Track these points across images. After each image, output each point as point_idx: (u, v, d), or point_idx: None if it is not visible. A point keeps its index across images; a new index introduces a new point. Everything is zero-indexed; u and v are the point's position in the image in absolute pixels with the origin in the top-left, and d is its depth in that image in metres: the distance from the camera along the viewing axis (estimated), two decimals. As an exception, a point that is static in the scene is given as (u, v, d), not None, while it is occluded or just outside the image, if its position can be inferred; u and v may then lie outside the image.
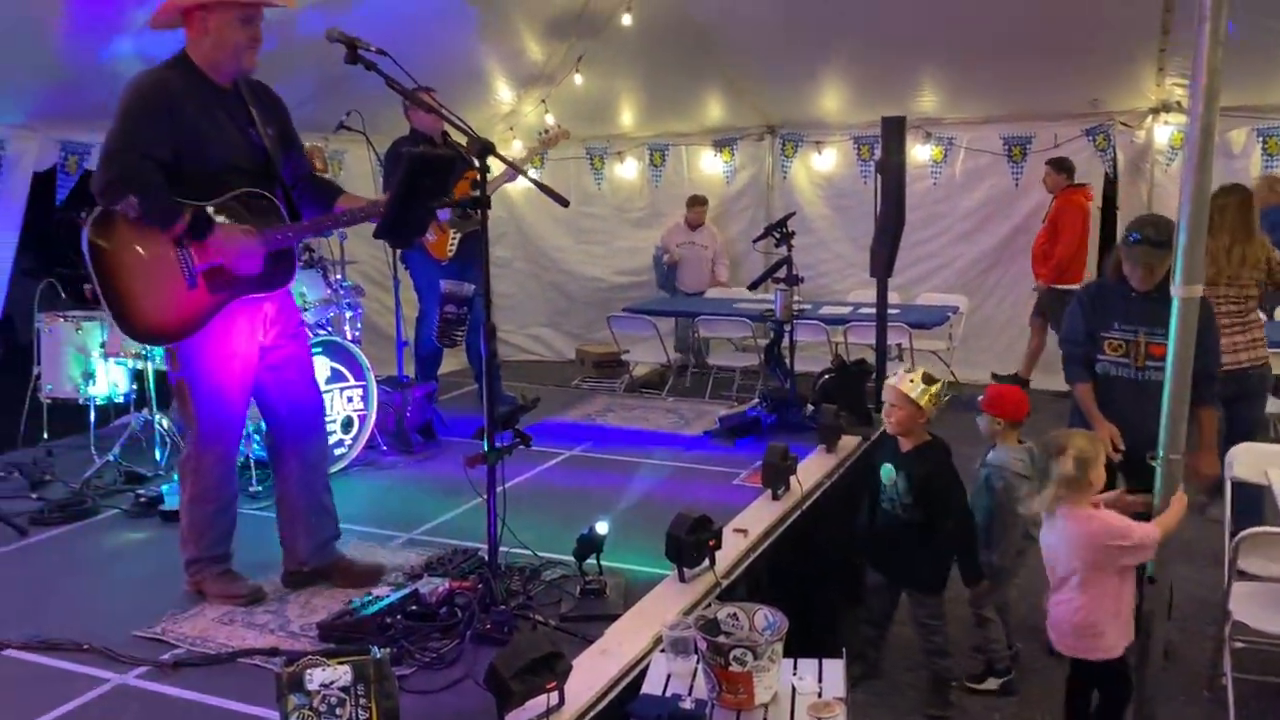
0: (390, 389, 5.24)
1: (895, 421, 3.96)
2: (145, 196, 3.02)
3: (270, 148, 3.31)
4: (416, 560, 3.78)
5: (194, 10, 3.12)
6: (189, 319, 3.20)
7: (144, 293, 3.18)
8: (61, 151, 5.98)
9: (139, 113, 3.05)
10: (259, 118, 3.30)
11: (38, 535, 4.21)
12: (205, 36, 3.15)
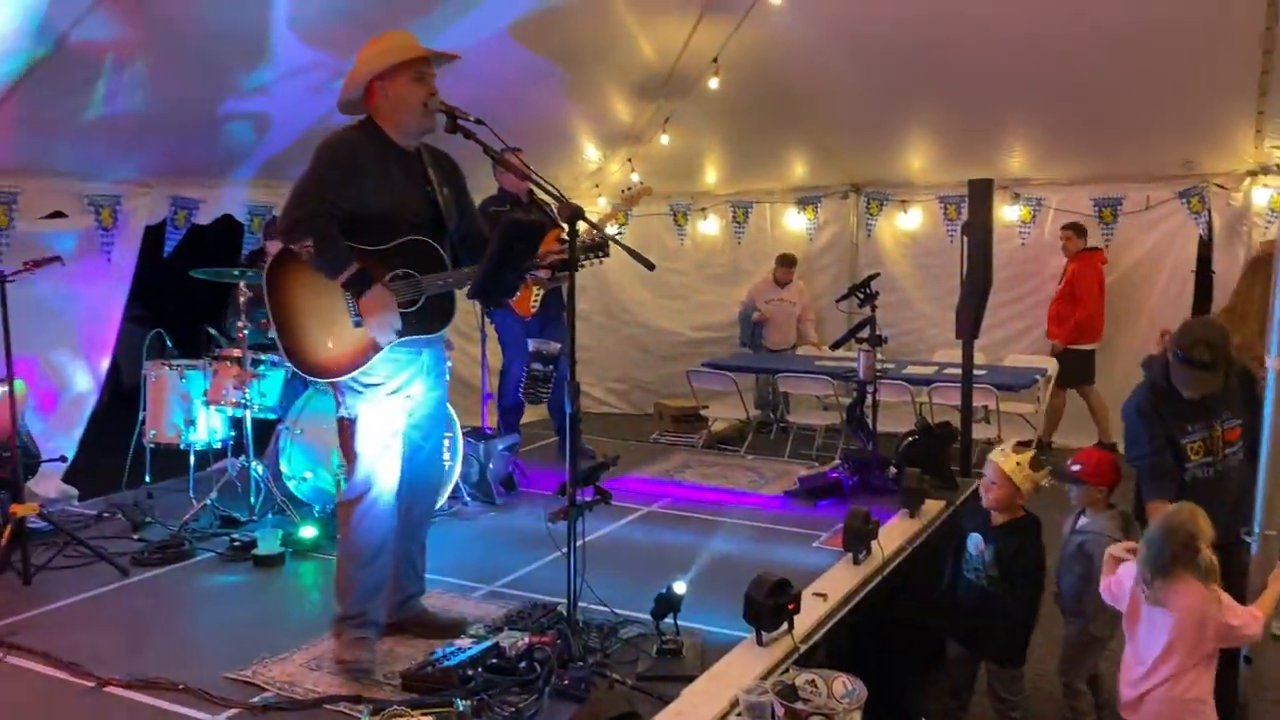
0: (474, 440, 5.34)
1: (992, 498, 3.90)
2: (320, 243, 3.23)
3: (443, 205, 3.50)
4: (497, 613, 3.84)
5: (372, 83, 3.38)
6: (352, 355, 3.37)
7: (313, 327, 3.40)
8: (172, 206, 6.29)
9: (326, 165, 3.32)
10: (435, 179, 3.51)
11: (138, 575, 4.39)
12: (386, 102, 3.39)
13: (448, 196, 3.56)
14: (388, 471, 3.46)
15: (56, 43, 4.56)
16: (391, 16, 5.26)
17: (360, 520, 3.42)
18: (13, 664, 3.52)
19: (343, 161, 3.34)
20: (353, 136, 3.43)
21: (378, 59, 3.39)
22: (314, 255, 3.26)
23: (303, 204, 3.28)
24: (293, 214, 3.30)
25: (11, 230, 5.41)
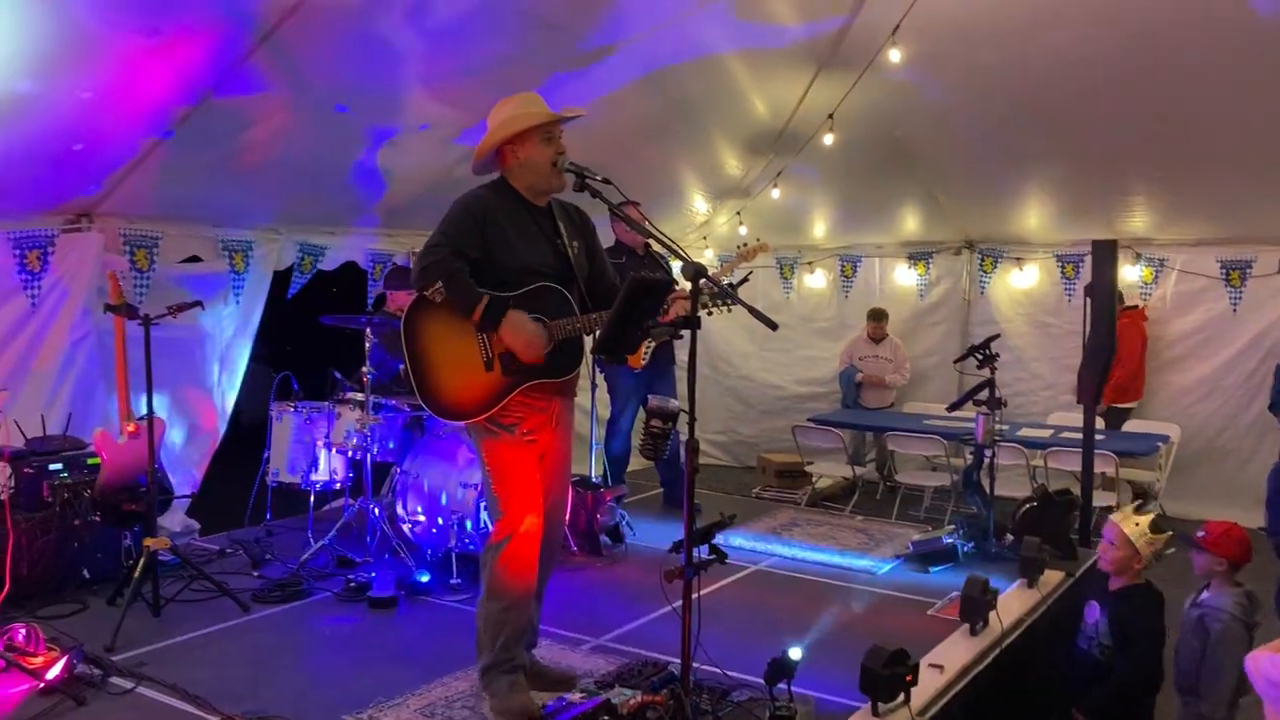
0: (582, 490, 5.36)
1: (1109, 560, 3.76)
2: (450, 282, 3.36)
3: (574, 258, 3.59)
4: (606, 668, 3.82)
5: (504, 146, 3.51)
6: (483, 398, 3.46)
7: (446, 371, 3.50)
8: (299, 252, 6.53)
9: (458, 218, 3.46)
10: (565, 232, 3.62)
11: (258, 612, 4.51)
12: (517, 164, 3.52)
13: (577, 248, 3.66)
14: (533, 513, 3.50)
15: (202, 97, 4.81)
16: (514, 74, 5.44)
17: (509, 562, 3.46)
18: (143, 694, 3.65)
19: (475, 214, 3.46)
20: (486, 194, 3.56)
21: (509, 124, 3.51)
22: (446, 293, 3.38)
23: (431, 251, 3.41)
24: (422, 261, 3.43)
25: (152, 272, 5.69)
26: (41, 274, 5.18)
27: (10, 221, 5.08)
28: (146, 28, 4.16)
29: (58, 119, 4.48)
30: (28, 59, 4.03)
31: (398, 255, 7.15)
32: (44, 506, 4.63)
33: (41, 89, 4.23)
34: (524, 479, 3.50)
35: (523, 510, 3.48)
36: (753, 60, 6.46)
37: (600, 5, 5.35)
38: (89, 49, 4.15)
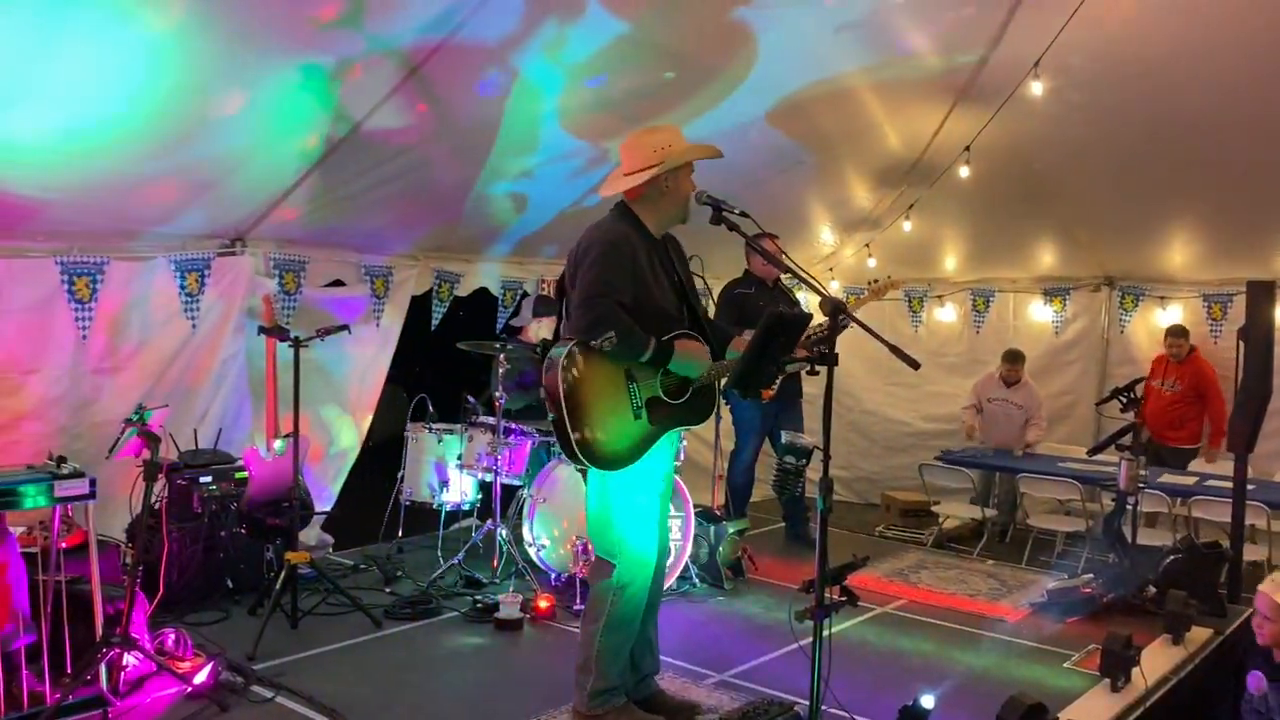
0: (705, 522, 5.35)
1: (1266, 635, 3.54)
2: (620, 332, 3.38)
3: (687, 291, 3.65)
4: (730, 704, 3.79)
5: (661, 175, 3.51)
6: (632, 446, 3.49)
7: (601, 421, 3.46)
8: (436, 279, 6.73)
9: (612, 263, 3.44)
10: (677, 264, 3.68)
11: (390, 628, 4.64)
12: (663, 195, 3.54)
13: (684, 281, 3.71)
14: (651, 546, 3.59)
15: (352, 129, 5.02)
16: (646, 107, 5.52)
17: (633, 598, 3.53)
18: (282, 703, 3.79)
19: (625, 255, 3.47)
20: (626, 231, 3.55)
21: (679, 154, 3.52)
22: (616, 345, 3.38)
23: (598, 303, 3.40)
24: (590, 315, 3.39)
25: (299, 295, 5.94)
26: (199, 295, 5.46)
27: (173, 245, 5.38)
28: (302, 61, 4.37)
29: (216, 148, 4.74)
30: (188, 89, 4.27)
31: (527, 282, 7.30)
32: (194, 517, 4.87)
33: (201, 119, 4.48)
34: (649, 515, 3.58)
35: (643, 544, 3.56)
36: (887, 92, 6.38)
37: (733, 37, 5.37)
38: (247, 80, 4.38)
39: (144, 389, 5.22)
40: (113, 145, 4.34)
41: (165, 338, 5.39)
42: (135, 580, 3.81)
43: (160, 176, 4.74)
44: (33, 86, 3.86)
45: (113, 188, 4.69)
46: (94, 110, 4.11)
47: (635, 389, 3.51)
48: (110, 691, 3.65)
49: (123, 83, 4.03)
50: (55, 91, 3.92)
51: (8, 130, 4.03)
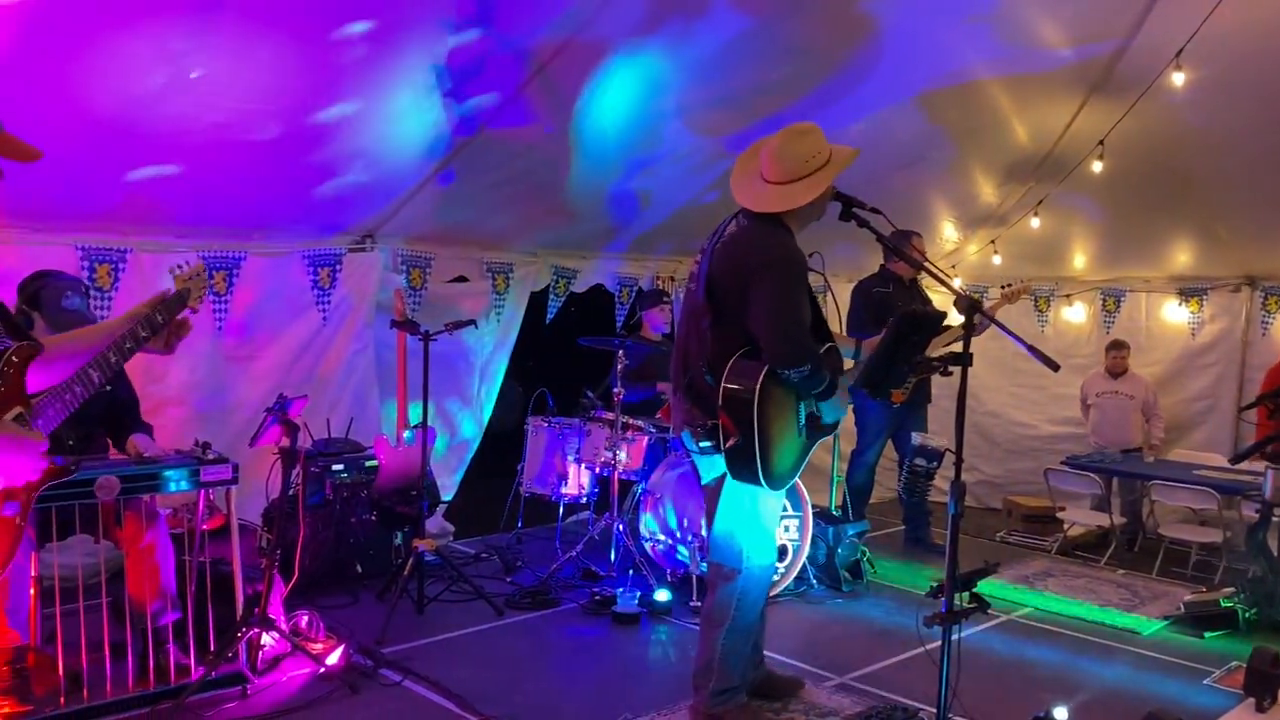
0: (823, 523, 5.29)
1: None
2: (815, 365, 3.33)
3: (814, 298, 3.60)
4: (852, 708, 3.75)
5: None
6: (795, 463, 3.55)
7: (782, 442, 3.45)
8: (554, 275, 6.82)
9: (797, 287, 3.39)
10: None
11: (510, 617, 4.73)
12: (812, 206, 3.46)
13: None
14: (772, 555, 3.65)
15: (479, 128, 5.12)
16: (769, 103, 5.48)
17: (745, 598, 3.55)
18: (409, 688, 3.89)
19: (804, 279, 3.44)
20: (794, 243, 3.46)
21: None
22: (806, 379, 3.33)
23: (800, 336, 3.35)
24: (790, 346, 3.31)
25: (424, 290, 6.10)
26: (330, 290, 5.66)
27: (306, 242, 5.58)
28: (432, 62, 4.47)
29: (349, 147, 4.89)
30: (320, 92, 4.41)
31: (643, 279, 7.33)
32: (326, 504, 5.05)
33: (335, 119, 4.63)
34: (772, 529, 3.64)
35: (770, 557, 3.63)
36: (1016, 85, 6.19)
37: (859, 32, 5.29)
38: (380, 81, 4.51)
39: (277, 378, 5.44)
40: (251, 144, 4.53)
41: (297, 329, 5.61)
42: (273, 563, 3.96)
43: (295, 175, 4.92)
44: (178, 86, 4.04)
45: (251, 185, 4.90)
46: (234, 109, 4.30)
47: (800, 407, 3.50)
48: (249, 669, 3.81)
49: (260, 82, 4.20)
50: (199, 91, 4.10)
51: (155, 129, 4.24)
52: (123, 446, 3.88)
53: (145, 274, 4.87)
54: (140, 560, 3.73)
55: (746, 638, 3.60)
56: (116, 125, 4.11)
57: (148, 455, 3.70)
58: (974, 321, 3.10)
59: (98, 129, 4.08)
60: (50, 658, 3.56)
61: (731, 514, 3.56)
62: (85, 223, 4.74)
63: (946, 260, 8.75)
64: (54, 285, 3.71)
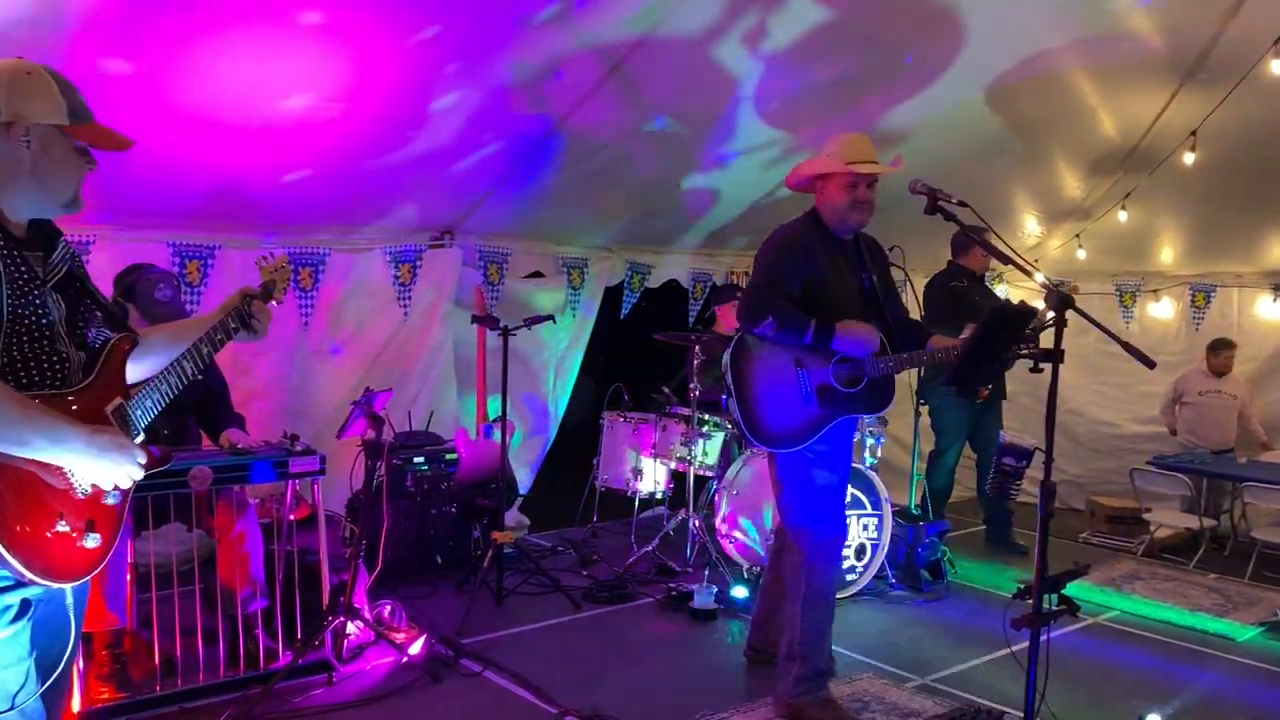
0: (903, 522, 5.21)
1: None
2: (778, 314, 3.51)
3: (878, 291, 3.68)
4: (935, 710, 3.69)
5: (815, 179, 3.69)
6: (800, 428, 3.58)
7: (767, 403, 3.62)
8: (629, 270, 6.84)
9: (776, 256, 3.62)
10: (869, 264, 3.72)
11: (588, 611, 4.75)
12: (824, 199, 3.68)
13: (877, 282, 3.73)
14: (833, 528, 3.67)
15: (556, 125, 5.14)
16: (845, 96, 5.41)
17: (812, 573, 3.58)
18: (489, 678, 3.94)
19: (794, 250, 3.59)
20: (801, 230, 3.67)
21: (817, 163, 3.69)
22: (777, 329, 3.50)
23: (756, 293, 3.57)
24: (749, 303, 3.58)
25: (502, 286, 6.16)
26: (411, 285, 5.74)
27: (389, 238, 5.67)
28: (513, 60, 4.51)
29: (430, 146, 4.95)
30: (406, 90, 4.47)
31: (717, 274, 7.31)
32: (407, 495, 5.13)
33: (417, 119, 4.69)
34: (830, 502, 3.65)
35: (830, 530, 3.65)
36: (1103, 74, 6.02)
37: (939, 22, 5.20)
38: (460, 80, 4.55)
39: (359, 373, 5.54)
40: (338, 144, 4.62)
41: (379, 324, 5.70)
42: (359, 553, 4.03)
43: (378, 173, 5.01)
44: (266, 89, 4.14)
45: (335, 184, 4.99)
46: (319, 108, 4.38)
47: (804, 375, 3.59)
48: (335, 657, 3.89)
49: (344, 84, 4.27)
50: (286, 92, 4.20)
51: (244, 129, 4.35)
52: (216, 438, 3.99)
53: (233, 269, 5.00)
54: (231, 549, 3.83)
55: (825, 615, 3.63)
56: (207, 125, 4.22)
57: (240, 447, 3.80)
58: (1065, 317, 3.03)
59: (189, 129, 4.20)
60: (146, 642, 3.69)
61: (780, 486, 3.68)
62: (176, 220, 4.88)
63: (1028, 255, 8.55)
64: (147, 278, 3.84)
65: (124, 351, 2.13)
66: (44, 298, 1.96)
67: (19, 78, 1.93)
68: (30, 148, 1.92)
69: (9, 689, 1.88)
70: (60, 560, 1.89)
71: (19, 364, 1.89)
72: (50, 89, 1.94)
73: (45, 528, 1.86)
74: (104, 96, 3.63)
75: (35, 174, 1.94)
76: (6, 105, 1.91)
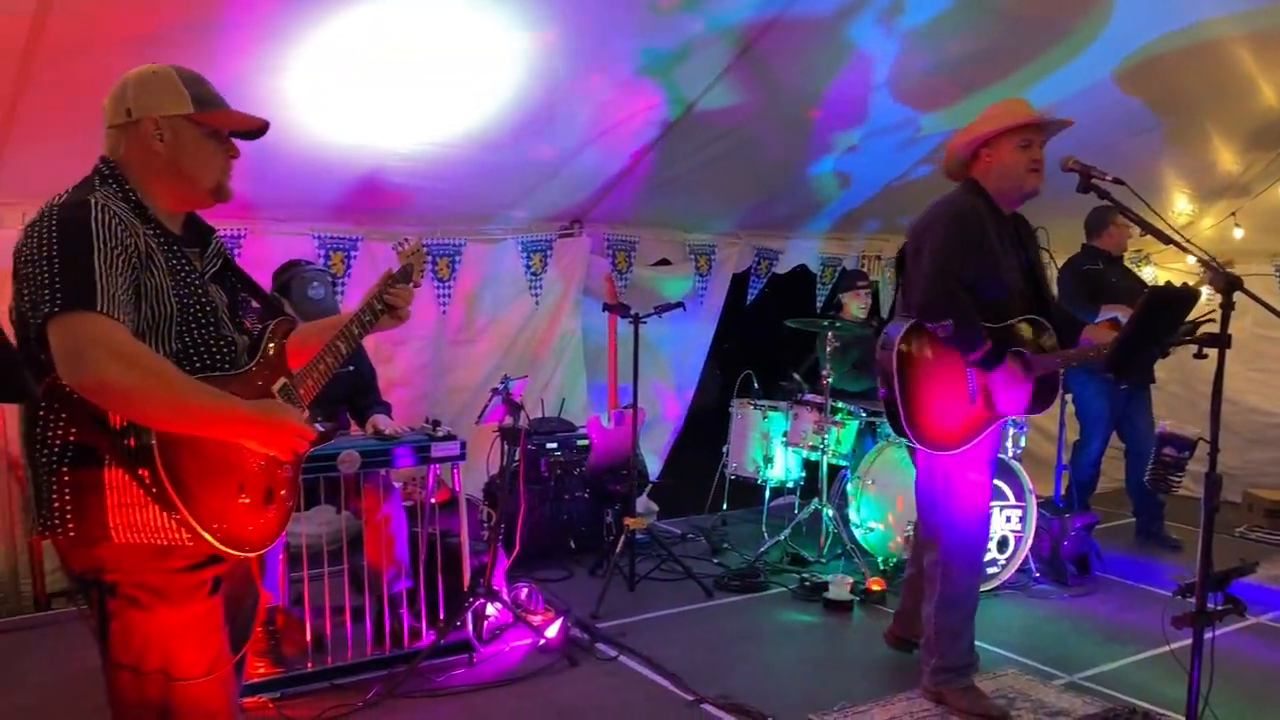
0: (1048, 514, 5.02)
1: None
2: (959, 322, 3.29)
3: (1037, 274, 3.50)
4: (1085, 709, 3.55)
5: (980, 147, 3.44)
6: (964, 431, 3.41)
7: (932, 401, 3.43)
8: (756, 256, 6.77)
9: (957, 240, 3.34)
10: (1026, 244, 3.53)
11: (719, 599, 4.74)
12: (992, 168, 3.43)
13: (1033, 262, 3.55)
14: (976, 528, 3.52)
15: (685, 110, 5.12)
16: (983, 72, 5.21)
17: (948, 571, 3.48)
18: (624, 663, 3.97)
19: (973, 235, 3.36)
20: (974, 203, 3.43)
21: (983, 125, 3.44)
22: (951, 334, 3.31)
23: (941, 284, 3.32)
24: (931, 294, 3.34)
25: (629, 274, 6.19)
26: (542, 275, 5.83)
27: (521, 228, 5.76)
28: (643, 45, 4.50)
29: (560, 136, 4.99)
30: (538, 80, 4.51)
31: (847, 259, 7.17)
32: (541, 480, 5.21)
33: (548, 109, 4.73)
34: (978, 500, 3.50)
35: (973, 530, 3.50)
36: (1263, 42, 5.65)
37: (1084, -7, 4.97)
38: (590, 68, 4.57)
39: (494, 360, 5.66)
40: (469, 137, 4.70)
41: (512, 313, 5.81)
42: (497, 537, 4.12)
43: (510, 165, 5.08)
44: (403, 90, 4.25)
45: (469, 177, 5.08)
46: (453, 104, 4.47)
47: (974, 373, 3.41)
48: (475, 638, 3.98)
49: (477, 78, 4.34)
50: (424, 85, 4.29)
51: (386, 129, 4.47)
52: (363, 424, 4.13)
53: (375, 260, 5.16)
54: (377, 530, 3.96)
55: (961, 617, 3.50)
56: (350, 123, 4.35)
57: (386, 432, 3.92)
58: (1232, 299, 2.86)
59: (333, 127, 4.34)
60: (298, 619, 3.85)
61: (927, 482, 3.58)
62: (321, 213, 5.06)
63: (1179, 234, 8.12)
64: (302, 275, 4.00)
65: (284, 334, 2.22)
66: (205, 288, 2.06)
67: (144, 78, 2.05)
68: (163, 140, 2.03)
69: (209, 657, 1.98)
70: (245, 531, 1.99)
71: (190, 350, 2.00)
72: (173, 83, 2.05)
73: (229, 500, 1.96)
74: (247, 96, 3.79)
75: (174, 166, 2.04)
76: (135, 105, 2.03)
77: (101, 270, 1.81)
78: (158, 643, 1.92)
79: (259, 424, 1.98)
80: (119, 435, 1.85)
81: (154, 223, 2.01)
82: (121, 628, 1.91)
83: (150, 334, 1.92)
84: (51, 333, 1.79)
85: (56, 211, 1.88)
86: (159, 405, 1.83)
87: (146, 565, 1.91)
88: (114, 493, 1.86)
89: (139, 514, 1.87)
